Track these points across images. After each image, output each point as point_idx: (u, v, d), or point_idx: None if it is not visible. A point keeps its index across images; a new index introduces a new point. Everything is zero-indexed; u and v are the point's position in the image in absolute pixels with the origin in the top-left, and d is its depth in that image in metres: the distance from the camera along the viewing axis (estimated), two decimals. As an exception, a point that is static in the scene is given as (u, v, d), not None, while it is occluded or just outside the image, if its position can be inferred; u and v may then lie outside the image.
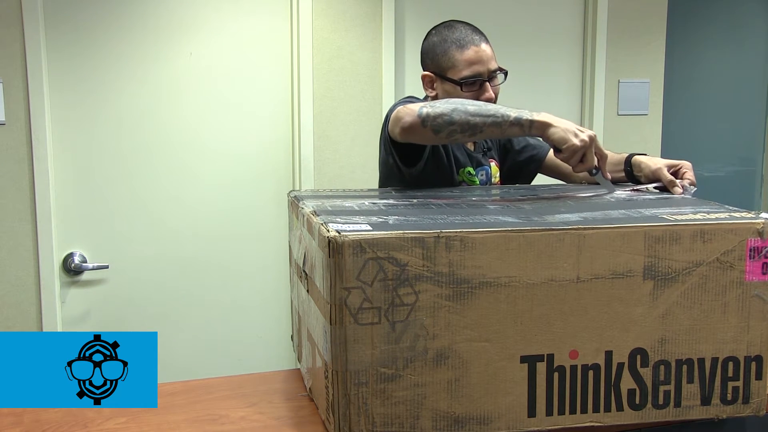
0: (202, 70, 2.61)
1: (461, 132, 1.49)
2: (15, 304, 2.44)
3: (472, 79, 1.74)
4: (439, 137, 1.52)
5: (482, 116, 1.47)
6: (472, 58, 1.74)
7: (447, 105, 1.50)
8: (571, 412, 1.19)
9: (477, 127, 1.48)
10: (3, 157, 2.39)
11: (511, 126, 1.47)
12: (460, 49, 1.75)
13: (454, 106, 1.49)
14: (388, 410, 1.13)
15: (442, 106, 1.50)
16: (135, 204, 2.58)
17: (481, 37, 1.78)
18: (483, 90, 1.75)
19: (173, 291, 2.64)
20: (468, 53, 1.74)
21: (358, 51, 2.76)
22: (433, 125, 1.50)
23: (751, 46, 3.50)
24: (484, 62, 1.75)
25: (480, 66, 1.74)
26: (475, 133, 1.49)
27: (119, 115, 2.53)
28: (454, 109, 1.49)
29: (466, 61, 1.74)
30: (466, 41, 1.76)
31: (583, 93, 3.13)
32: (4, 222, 2.41)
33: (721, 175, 3.53)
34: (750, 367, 1.24)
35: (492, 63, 1.76)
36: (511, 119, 1.47)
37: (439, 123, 1.49)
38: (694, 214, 1.25)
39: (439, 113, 1.49)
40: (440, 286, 1.11)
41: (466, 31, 1.79)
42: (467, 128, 1.48)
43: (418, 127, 1.51)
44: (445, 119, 1.48)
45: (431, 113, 1.49)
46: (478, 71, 1.74)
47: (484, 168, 1.85)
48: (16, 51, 2.37)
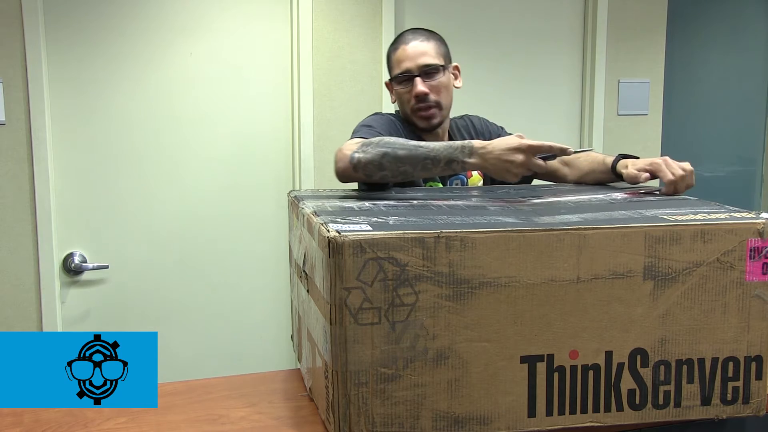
0: (202, 70, 2.61)
1: (393, 177, 1.51)
2: (15, 304, 2.44)
3: (403, 76, 1.80)
4: (373, 180, 1.53)
5: (412, 162, 1.47)
6: (400, 56, 1.81)
7: (378, 150, 1.50)
8: (571, 412, 1.19)
9: (407, 173, 1.49)
10: (3, 157, 2.39)
11: (445, 168, 1.48)
12: (394, 50, 1.84)
13: (384, 151, 1.49)
14: (388, 410, 1.13)
15: (372, 152, 1.50)
16: (135, 204, 2.58)
17: (416, 36, 1.82)
18: (413, 86, 1.78)
19: (173, 291, 2.64)
20: (398, 52, 1.82)
21: (358, 51, 2.76)
22: (364, 172, 1.51)
23: (751, 46, 3.50)
24: (412, 58, 1.79)
25: (408, 62, 1.79)
26: (407, 177, 1.50)
27: (119, 115, 2.53)
28: (384, 155, 1.48)
29: (396, 59, 1.82)
30: (399, 42, 1.84)
31: (583, 93, 3.13)
32: (4, 222, 2.41)
33: (721, 175, 3.53)
34: (750, 367, 1.24)
35: (421, 59, 1.78)
36: (442, 164, 1.47)
37: (370, 169, 1.50)
38: (694, 215, 1.25)
39: (369, 160, 1.49)
40: (440, 286, 1.11)
41: (406, 33, 1.86)
42: (398, 174, 1.49)
43: (350, 172, 1.53)
44: (375, 165, 1.49)
45: (362, 160, 1.50)
46: (405, 68, 1.79)
47: (459, 177, 1.84)
48: (16, 51, 2.37)
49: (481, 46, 2.96)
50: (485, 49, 2.97)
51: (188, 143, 2.62)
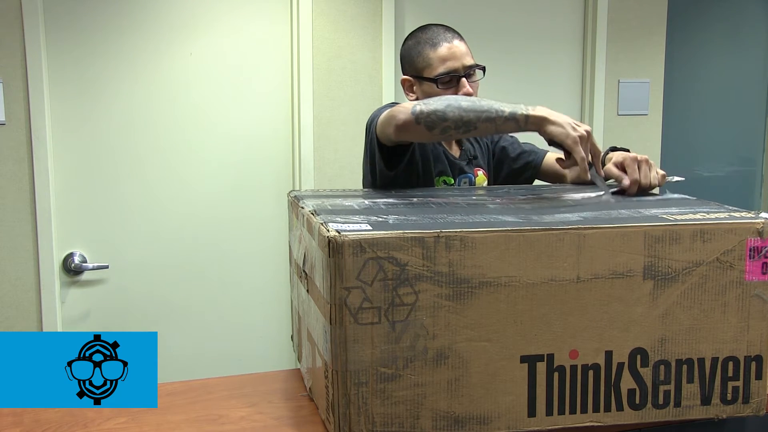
0: (202, 70, 2.61)
1: (455, 128, 1.47)
2: (15, 304, 2.44)
3: (447, 76, 1.74)
4: (433, 134, 1.49)
5: (476, 112, 1.45)
6: (445, 54, 1.74)
7: (440, 101, 1.48)
8: (571, 412, 1.19)
9: (470, 123, 1.45)
10: (3, 157, 2.39)
11: (506, 121, 1.44)
12: (433, 48, 1.76)
13: (447, 102, 1.47)
14: (388, 410, 1.13)
15: (435, 103, 1.48)
16: (135, 204, 2.58)
17: (453, 35, 1.78)
18: (460, 86, 1.74)
19: (173, 291, 2.64)
20: (441, 50, 1.75)
21: (358, 51, 2.76)
22: (426, 122, 1.47)
23: (751, 47, 3.50)
24: (458, 58, 1.75)
25: (454, 62, 1.74)
26: (469, 129, 1.47)
27: (119, 114, 2.53)
28: (448, 105, 1.46)
29: (440, 58, 1.75)
30: (438, 39, 1.76)
31: (583, 93, 3.13)
32: (4, 222, 2.41)
33: (721, 175, 3.53)
34: (750, 367, 1.24)
35: (467, 59, 1.76)
36: (506, 114, 1.44)
37: (433, 119, 1.46)
38: (693, 214, 1.25)
39: (432, 110, 1.46)
40: (440, 285, 1.11)
41: (439, 30, 1.79)
42: (461, 124, 1.46)
43: (412, 124, 1.49)
44: (438, 115, 1.46)
45: (424, 110, 1.47)
46: (452, 67, 1.74)
47: (467, 176, 1.84)
48: (16, 51, 2.37)
49: (481, 46, 2.96)
50: (485, 49, 2.97)
51: (188, 143, 2.62)
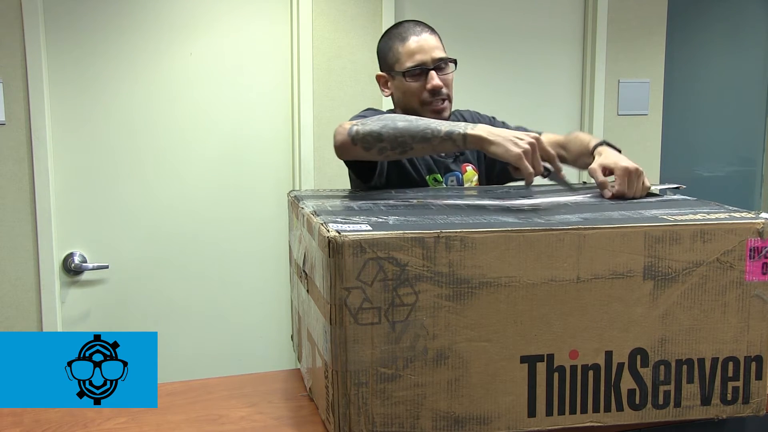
0: (202, 70, 2.61)
1: (392, 149, 1.49)
2: (15, 304, 2.44)
3: (416, 69, 1.75)
4: (371, 154, 1.51)
5: (411, 132, 1.46)
6: (413, 48, 1.76)
7: (378, 122, 1.50)
8: (571, 412, 1.19)
9: (406, 143, 1.47)
10: (3, 157, 2.39)
11: (443, 141, 1.45)
12: (402, 42, 1.77)
13: (384, 123, 1.49)
14: (388, 410, 1.13)
15: (372, 124, 1.50)
16: (135, 204, 2.58)
17: (423, 29, 1.79)
18: (429, 79, 1.75)
19: (173, 291, 2.64)
20: (409, 44, 1.76)
21: (358, 51, 2.76)
22: (362, 143, 1.50)
23: (751, 47, 3.50)
24: (426, 51, 1.75)
25: (422, 55, 1.75)
26: (406, 150, 1.49)
27: (119, 114, 2.53)
28: (384, 126, 1.48)
29: (408, 52, 1.76)
30: (407, 34, 1.78)
31: (583, 93, 3.13)
32: (4, 222, 2.41)
33: (721, 175, 3.53)
34: (750, 367, 1.24)
35: (436, 52, 1.76)
36: (442, 134, 1.44)
37: (368, 140, 1.49)
38: (694, 215, 1.25)
39: (368, 131, 1.49)
40: (440, 286, 1.11)
41: (409, 25, 1.81)
42: (396, 145, 1.48)
43: (349, 144, 1.52)
44: (374, 136, 1.48)
45: (360, 131, 1.50)
46: (420, 60, 1.75)
47: (454, 174, 1.83)
48: (16, 51, 2.37)
49: (481, 46, 2.96)
50: (485, 49, 2.97)
51: (188, 143, 2.62)
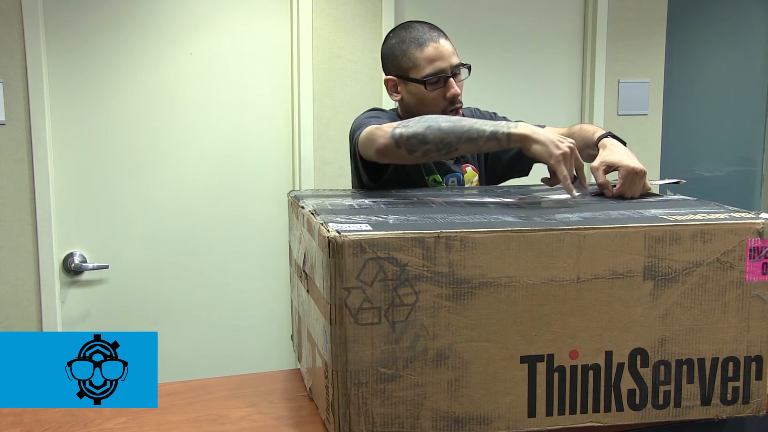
0: (202, 70, 2.61)
1: (437, 150, 1.46)
2: (15, 304, 2.44)
3: (435, 77, 1.71)
4: (415, 156, 1.49)
5: (456, 133, 1.44)
6: (432, 54, 1.71)
7: (420, 123, 1.48)
8: (571, 412, 1.19)
9: (451, 144, 1.45)
10: (3, 157, 2.39)
11: (488, 141, 1.43)
12: (419, 48, 1.72)
13: (427, 125, 1.47)
14: (388, 410, 1.13)
15: (415, 126, 1.47)
16: (135, 204, 2.58)
17: (439, 34, 1.75)
18: (447, 86, 1.72)
19: (173, 291, 2.64)
20: (428, 50, 1.71)
21: (358, 51, 2.76)
22: (407, 146, 1.47)
23: (751, 46, 3.50)
24: (446, 58, 1.72)
25: (441, 62, 1.71)
26: (451, 150, 1.47)
27: (119, 115, 2.53)
28: (428, 127, 1.46)
29: (427, 58, 1.71)
30: (424, 39, 1.73)
31: (583, 93, 3.13)
32: (4, 222, 2.41)
33: (721, 175, 3.53)
34: (750, 367, 1.24)
35: (453, 58, 1.73)
36: (487, 134, 1.43)
37: (413, 143, 1.46)
38: (694, 215, 1.25)
39: (413, 133, 1.46)
40: (440, 286, 1.11)
41: (424, 29, 1.76)
42: (442, 146, 1.46)
43: (393, 148, 1.49)
44: (418, 138, 1.46)
45: (404, 134, 1.47)
46: (440, 67, 1.71)
47: (455, 175, 1.83)
48: (16, 51, 2.37)
49: (481, 46, 2.96)
50: (485, 49, 2.97)
51: (188, 143, 2.62)
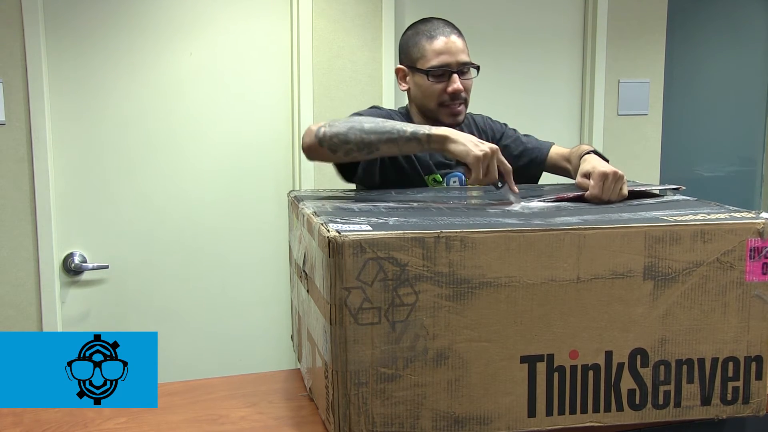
0: (202, 70, 2.61)
1: (358, 150, 1.51)
2: (15, 304, 2.44)
3: (440, 69, 1.74)
4: (337, 156, 1.54)
5: (377, 133, 1.50)
6: (440, 48, 1.74)
7: (344, 123, 1.53)
8: (571, 412, 1.19)
9: (372, 144, 1.50)
10: (3, 157, 2.38)
11: (408, 142, 1.49)
12: (429, 40, 1.75)
13: (350, 125, 1.52)
14: (388, 410, 1.13)
15: (339, 125, 1.53)
16: (135, 204, 2.57)
17: (452, 30, 1.78)
18: (451, 82, 1.74)
19: (173, 291, 2.64)
20: (437, 43, 1.75)
21: (358, 51, 2.76)
22: (329, 145, 1.53)
23: (751, 46, 3.50)
24: (453, 53, 1.74)
25: (448, 57, 1.74)
26: (372, 150, 1.51)
27: (119, 115, 2.53)
28: (350, 128, 1.51)
29: (434, 51, 1.74)
30: (436, 32, 1.76)
31: (583, 93, 3.13)
32: (4, 222, 2.41)
33: (721, 175, 3.53)
34: (750, 368, 1.24)
35: (461, 56, 1.75)
36: (408, 134, 1.48)
37: (335, 142, 1.52)
38: (694, 215, 1.26)
39: (335, 133, 1.52)
40: (440, 286, 1.11)
41: (439, 23, 1.79)
42: (363, 146, 1.51)
43: (316, 147, 1.55)
44: (340, 138, 1.51)
45: (327, 133, 1.53)
46: (445, 61, 1.74)
47: (456, 174, 1.83)
48: (16, 51, 2.37)
49: (481, 46, 2.96)
50: (485, 49, 2.97)
51: (188, 143, 2.62)
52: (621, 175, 1.47)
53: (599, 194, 1.46)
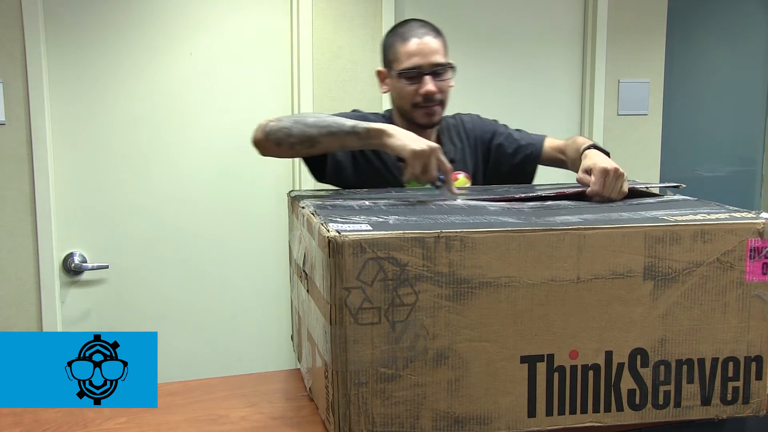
0: (202, 70, 2.61)
1: (300, 144, 1.57)
2: (15, 304, 2.44)
3: (412, 71, 1.74)
4: (282, 149, 1.59)
5: (318, 127, 1.55)
6: (412, 50, 1.74)
7: (291, 118, 1.59)
8: (571, 412, 1.19)
9: (314, 138, 1.55)
10: (3, 157, 2.38)
11: (348, 135, 1.53)
12: (403, 42, 1.76)
13: (296, 119, 1.58)
14: (388, 410, 1.13)
15: (285, 120, 1.59)
16: (135, 204, 2.57)
17: (428, 31, 1.77)
18: (423, 83, 1.74)
19: (173, 291, 2.64)
20: (409, 45, 1.75)
21: (358, 51, 2.76)
22: (274, 138, 1.58)
23: (751, 46, 3.50)
24: (425, 55, 1.74)
25: (419, 58, 1.73)
26: (314, 144, 1.57)
27: (119, 114, 2.53)
28: (295, 122, 1.57)
29: (407, 52, 1.75)
30: (410, 34, 1.76)
31: (583, 93, 3.13)
32: (4, 222, 2.41)
33: (721, 175, 3.53)
34: (750, 368, 1.24)
35: (434, 57, 1.75)
36: (347, 128, 1.53)
37: (279, 136, 1.57)
38: (694, 215, 1.26)
39: (280, 127, 1.57)
40: (440, 286, 1.11)
41: (414, 25, 1.79)
42: (305, 139, 1.56)
43: (263, 141, 1.60)
44: (284, 132, 1.56)
45: (274, 127, 1.58)
46: (417, 63, 1.74)
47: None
48: (16, 51, 2.37)
49: (481, 46, 2.96)
50: (485, 49, 2.97)
51: (188, 143, 2.62)
52: (622, 173, 1.47)
53: (600, 191, 1.46)
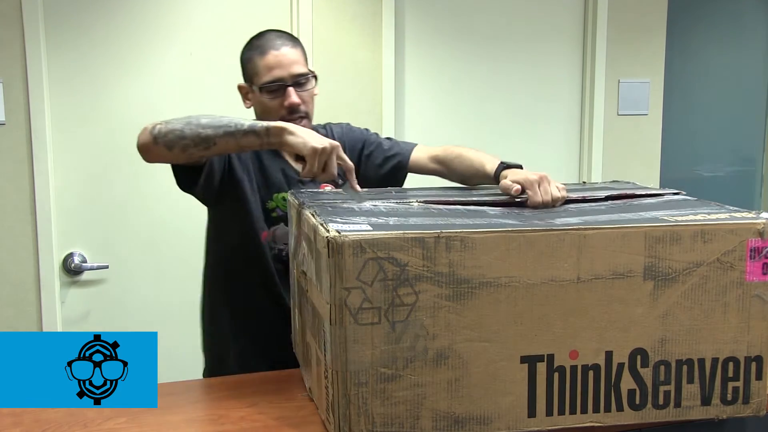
0: (201, 71, 2.61)
1: (195, 146, 1.49)
2: (15, 304, 2.44)
3: (274, 84, 1.70)
4: (174, 153, 1.50)
5: (214, 127, 1.48)
6: (271, 62, 1.70)
7: (182, 119, 1.50)
8: (572, 412, 1.19)
9: (210, 139, 1.48)
10: (3, 157, 2.38)
11: (246, 135, 1.47)
12: (260, 55, 1.72)
13: (188, 120, 1.50)
14: (388, 410, 1.13)
15: (175, 122, 1.50)
16: (135, 204, 2.57)
17: (284, 42, 1.73)
18: (286, 96, 1.70)
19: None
20: (268, 58, 1.71)
21: (358, 51, 2.76)
22: (165, 142, 1.49)
23: (751, 46, 3.50)
24: (284, 66, 1.70)
25: (280, 71, 1.69)
26: (210, 145, 1.49)
27: (119, 114, 2.53)
28: (187, 123, 1.49)
29: (266, 66, 1.71)
30: (266, 47, 1.72)
31: (583, 93, 3.13)
32: (4, 222, 2.40)
33: (721, 175, 3.52)
34: (750, 368, 1.24)
35: (295, 67, 1.71)
36: (245, 128, 1.47)
37: (171, 139, 1.49)
38: (694, 215, 1.26)
39: (170, 129, 1.49)
40: (440, 286, 1.11)
41: (270, 36, 1.75)
42: (200, 141, 1.48)
43: (151, 145, 1.51)
44: (176, 134, 1.48)
45: (163, 130, 1.50)
46: (277, 76, 1.70)
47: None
48: (16, 51, 2.37)
49: (481, 46, 2.96)
50: (485, 49, 2.97)
51: (188, 143, 2.62)
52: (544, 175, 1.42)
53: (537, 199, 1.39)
